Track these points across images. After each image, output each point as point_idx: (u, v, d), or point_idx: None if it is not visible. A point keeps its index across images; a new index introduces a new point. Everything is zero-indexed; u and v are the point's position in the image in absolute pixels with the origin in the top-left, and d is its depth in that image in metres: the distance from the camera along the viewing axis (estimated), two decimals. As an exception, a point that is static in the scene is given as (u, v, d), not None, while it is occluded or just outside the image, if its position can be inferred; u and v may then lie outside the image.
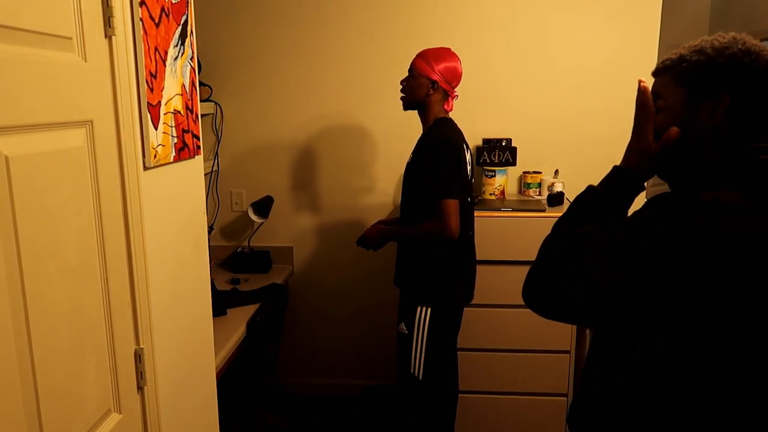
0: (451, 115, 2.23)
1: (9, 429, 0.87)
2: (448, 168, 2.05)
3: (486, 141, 2.84)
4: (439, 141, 2.09)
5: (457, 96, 2.24)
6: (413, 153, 2.20)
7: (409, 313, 2.20)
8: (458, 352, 2.46)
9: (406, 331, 2.21)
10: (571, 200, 1.08)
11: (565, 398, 2.62)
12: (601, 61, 2.81)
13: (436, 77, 2.14)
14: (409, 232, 2.19)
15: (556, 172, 2.84)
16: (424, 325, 2.17)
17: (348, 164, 3.00)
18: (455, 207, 2.03)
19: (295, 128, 2.98)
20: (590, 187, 1.05)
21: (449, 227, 2.02)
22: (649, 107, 0.99)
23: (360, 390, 3.11)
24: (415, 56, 2.21)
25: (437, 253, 2.14)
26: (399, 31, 2.85)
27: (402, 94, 2.24)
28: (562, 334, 2.56)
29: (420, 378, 2.21)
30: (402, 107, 2.27)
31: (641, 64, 2.78)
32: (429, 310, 2.16)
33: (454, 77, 2.18)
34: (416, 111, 2.24)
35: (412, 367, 2.21)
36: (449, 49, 2.21)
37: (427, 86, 2.15)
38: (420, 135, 2.21)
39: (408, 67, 2.23)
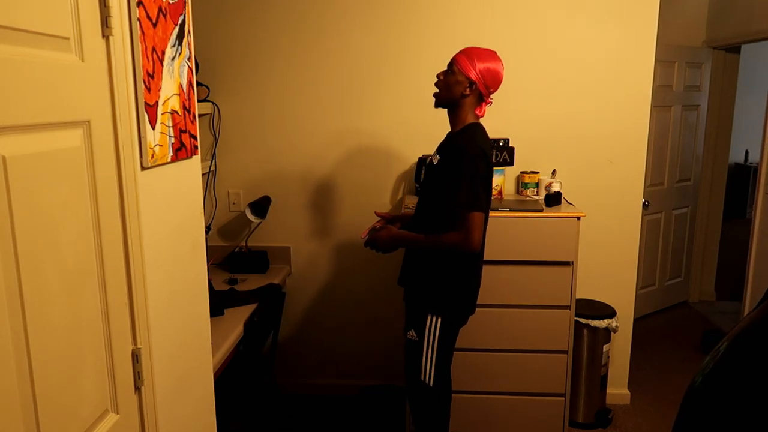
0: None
1: (6, 429, 0.87)
2: (480, 180, 1.97)
3: (484, 141, 2.84)
4: (476, 151, 1.97)
5: (491, 103, 2.10)
6: (439, 153, 2.08)
7: (419, 320, 2.13)
8: (457, 352, 2.45)
9: (416, 338, 2.14)
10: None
11: (563, 398, 2.63)
12: (599, 61, 2.82)
13: (474, 77, 2.01)
14: (428, 242, 2.05)
15: (554, 172, 2.85)
16: (434, 334, 2.11)
17: (346, 163, 3.00)
18: (481, 220, 1.97)
19: (293, 128, 2.98)
20: None
21: (473, 241, 1.95)
22: None
23: (358, 390, 3.11)
24: (458, 51, 2.07)
25: (453, 263, 2.07)
26: (396, 30, 2.85)
27: (436, 89, 2.09)
28: (560, 334, 2.56)
29: (431, 385, 2.16)
30: (434, 104, 2.12)
31: (639, 65, 2.79)
32: (440, 319, 2.10)
33: (494, 82, 2.04)
34: (442, 110, 2.11)
35: (423, 375, 2.14)
36: (495, 52, 2.07)
37: (464, 85, 2.02)
38: (445, 135, 2.11)
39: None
